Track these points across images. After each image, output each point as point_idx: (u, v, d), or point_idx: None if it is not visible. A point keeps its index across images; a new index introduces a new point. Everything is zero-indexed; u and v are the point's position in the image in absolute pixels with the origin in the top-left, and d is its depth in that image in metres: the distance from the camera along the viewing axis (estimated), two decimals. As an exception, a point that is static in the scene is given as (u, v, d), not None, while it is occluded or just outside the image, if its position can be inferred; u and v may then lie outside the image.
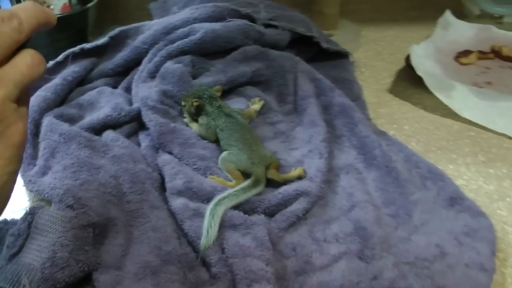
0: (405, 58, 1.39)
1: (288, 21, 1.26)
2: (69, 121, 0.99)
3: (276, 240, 0.81)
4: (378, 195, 0.92)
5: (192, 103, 1.02)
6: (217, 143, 1.00)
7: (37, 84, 1.01)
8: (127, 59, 1.15)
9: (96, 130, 0.99)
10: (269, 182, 0.92)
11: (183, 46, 1.12)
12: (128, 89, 1.13)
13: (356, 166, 0.98)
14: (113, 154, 0.90)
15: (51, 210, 0.75)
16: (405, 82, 1.36)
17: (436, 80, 1.23)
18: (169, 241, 0.77)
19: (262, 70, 1.16)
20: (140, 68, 1.13)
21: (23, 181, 0.89)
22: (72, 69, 1.10)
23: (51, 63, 1.10)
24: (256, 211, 0.85)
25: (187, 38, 1.13)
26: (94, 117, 1.00)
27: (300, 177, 0.93)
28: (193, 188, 0.86)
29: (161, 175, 0.91)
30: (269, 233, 0.81)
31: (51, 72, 1.09)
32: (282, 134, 1.06)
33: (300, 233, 0.84)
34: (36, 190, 0.84)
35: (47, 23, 0.46)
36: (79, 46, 1.13)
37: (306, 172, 0.94)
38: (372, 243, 0.80)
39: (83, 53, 1.14)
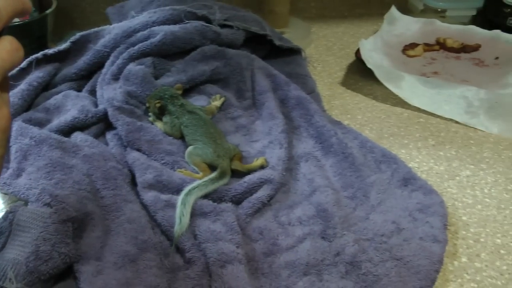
0: (355, 52, 1.46)
1: (242, 21, 1.30)
2: (38, 125, 1.02)
3: (244, 225, 0.87)
4: (337, 179, 0.99)
5: (155, 104, 1.06)
6: (182, 139, 1.05)
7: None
8: (89, 62, 1.18)
9: (65, 133, 1.01)
10: (233, 173, 0.97)
11: (144, 48, 1.15)
12: (92, 92, 1.15)
13: (315, 154, 1.04)
14: (83, 154, 0.93)
15: (31, 207, 0.78)
16: (356, 75, 1.42)
17: (386, 71, 1.30)
18: (144, 231, 0.81)
19: (220, 69, 1.20)
20: (103, 71, 1.16)
21: (-3, 184, 0.91)
22: (36, 75, 1.12)
23: (15, 70, 1.12)
24: (224, 199, 0.90)
25: (147, 40, 1.16)
26: (61, 120, 1.03)
27: (262, 167, 0.99)
28: (163, 181, 0.90)
29: (131, 171, 0.95)
30: (237, 219, 0.86)
31: (16, 79, 1.11)
32: (243, 127, 1.11)
33: (266, 218, 0.89)
34: (12, 192, 0.86)
35: (23, 10, 0.46)
36: (42, 52, 1.15)
37: (267, 161, 1.00)
38: (333, 223, 0.86)
39: (46, 59, 1.16)
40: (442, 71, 1.43)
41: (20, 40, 0.45)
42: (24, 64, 1.13)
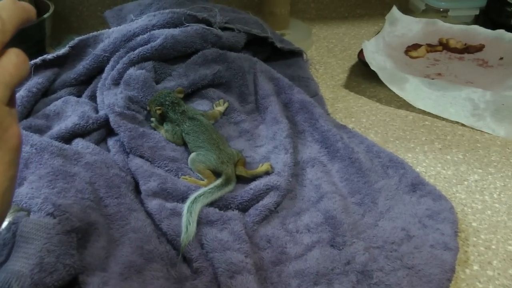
0: (358, 54, 1.44)
1: (243, 23, 1.29)
2: (38, 132, 1.00)
3: (251, 234, 0.85)
4: (344, 185, 0.97)
5: (155, 110, 1.04)
6: (185, 146, 1.03)
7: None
8: (89, 67, 1.16)
9: (65, 139, 0.99)
10: (238, 179, 0.96)
11: (145, 52, 1.13)
12: (92, 97, 1.14)
13: (321, 159, 1.02)
14: (85, 161, 0.91)
15: (34, 218, 0.76)
16: (359, 77, 1.41)
17: (389, 74, 1.28)
18: (149, 240, 0.79)
19: (222, 72, 1.18)
20: (103, 75, 1.14)
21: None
22: (35, 81, 1.11)
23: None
24: (230, 207, 0.89)
25: (147, 44, 1.15)
26: (62, 126, 1.01)
27: (267, 172, 0.97)
28: (167, 189, 0.89)
29: (134, 179, 0.93)
30: (244, 227, 0.85)
31: (15, 85, 1.09)
32: (247, 132, 1.10)
33: (273, 225, 0.88)
34: (13, 201, 0.84)
35: (28, 19, 0.45)
36: (41, 57, 1.13)
37: (273, 167, 0.98)
38: (342, 230, 0.84)
39: (45, 64, 1.15)
40: (446, 73, 1.42)
41: (18, 46, 0.43)
42: (23, 70, 1.11)
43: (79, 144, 0.98)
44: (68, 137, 1.00)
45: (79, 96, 1.15)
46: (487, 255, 0.86)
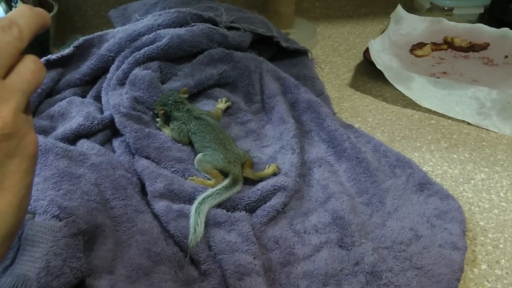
0: (363, 53, 1.44)
1: (249, 22, 1.28)
2: (42, 133, 0.99)
3: (259, 235, 0.84)
4: (351, 185, 0.96)
5: (159, 111, 1.04)
6: (191, 145, 1.02)
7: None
8: (93, 67, 1.15)
9: (70, 140, 0.99)
10: (245, 180, 0.95)
11: (150, 52, 1.13)
12: (97, 98, 1.13)
13: (328, 159, 1.02)
14: (91, 163, 0.90)
15: (40, 221, 0.76)
16: (364, 76, 1.40)
17: (395, 72, 1.28)
18: (157, 242, 0.79)
19: (228, 72, 1.18)
20: (108, 76, 1.13)
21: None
22: (40, 81, 1.10)
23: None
24: (238, 208, 0.88)
25: (153, 44, 1.14)
26: (67, 127, 1.00)
27: (274, 174, 0.96)
28: (174, 190, 0.88)
29: (141, 180, 0.92)
30: (252, 228, 0.84)
31: (19, 85, 1.09)
32: (253, 132, 1.09)
33: (281, 226, 0.87)
34: (18, 204, 0.84)
35: (44, 25, 0.45)
36: (45, 58, 1.13)
37: (279, 168, 0.97)
38: (350, 231, 0.84)
39: (49, 64, 1.14)
40: (451, 71, 1.41)
41: (22, 46, 0.43)
42: (27, 70, 1.10)
43: (84, 145, 0.98)
44: (73, 138, 1.00)
45: (84, 96, 1.15)
46: (495, 254, 0.86)
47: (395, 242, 0.84)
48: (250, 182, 0.95)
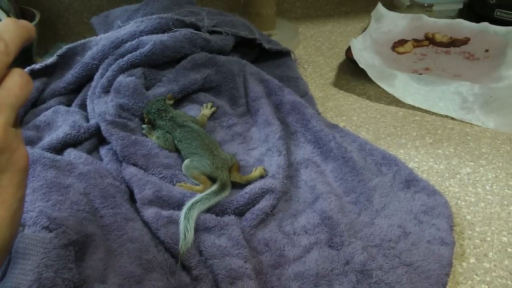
0: (346, 52, 1.44)
1: (231, 26, 1.28)
2: (29, 143, 0.99)
3: (249, 238, 0.85)
4: (338, 185, 0.97)
5: (145, 118, 1.05)
6: (178, 152, 1.03)
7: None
8: (78, 76, 1.15)
9: (57, 150, 0.99)
10: (233, 184, 0.95)
11: (134, 59, 1.13)
12: (82, 106, 1.13)
13: (314, 160, 1.02)
14: (79, 172, 0.90)
15: (30, 233, 0.75)
16: (347, 74, 1.41)
17: (378, 70, 1.29)
18: (148, 250, 0.79)
19: (212, 76, 1.18)
20: (92, 84, 1.13)
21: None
22: (24, 92, 1.09)
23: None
24: (227, 212, 0.89)
25: (136, 51, 1.14)
26: (53, 137, 1.00)
27: (261, 176, 0.97)
28: (163, 197, 0.88)
29: (129, 188, 0.92)
30: (242, 231, 0.85)
31: (4, 97, 1.08)
32: (239, 135, 1.10)
33: (270, 228, 0.88)
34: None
35: (29, 38, 0.44)
36: (29, 68, 1.13)
37: (266, 170, 0.98)
38: (339, 230, 0.85)
39: (34, 74, 1.14)
40: (434, 67, 1.43)
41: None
42: (11, 81, 1.10)
43: (71, 154, 0.97)
44: (59, 148, 0.99)
45: (69, 105, 1.14)
46: (482, 248, 0.87)
47: (384, 240, 0.85)
48: (238, 185, 0.95)
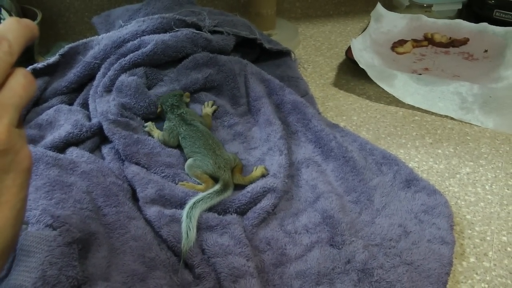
0: (346, 52, 1.45)
1: (231, 25, 1.29)
2: (31, 142, 1.00)
3: (250, 237, 0.86)
4: (339, 184, 0.98)
5: (158, 107, 1.08)
6: (179, 149, 1.04)
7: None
8: (80, 75, 1.15)
9: (59, 149, 0.99)
10: (235, 185, 0.96)
11: (136, 58, 1.13)
12: (84, 105, 1.13)
13: (315, 159, 1.03)
14: (82, 171, 0.91)
15: (34, 231, 0.76)
16: (347, 74, 1.42)
17: (377, 71, 1.30)
18: (151, 248, 0.80)
19: (214, 76, 1.19)
20: (94, 83, 1.13)
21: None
22: (26, 90, 1.10)
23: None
24: (229, 211, 0.89)
25: (138, 50, 1.15)
26: (55, 135, 1.00)
27: (263, 175, 0.97)
28: (165, 196, 0.89)
29: (131, 186, 0.93)
30: (244, 230, 0.85)
31: (6, 96, 1.08)
32: (240, 135, 1.10)
33: (272, 227, 0.88)
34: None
35: (32, 37, 0.44)
36: (31, 67, 1.13)
37: (267, 169, 0.99)
38: (340, 230, 0.85)
39: (35, 73, 1.14)
40: (433, 67, 1.43)
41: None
42: (13, 80, 1.10)
43: (73, 153, 0.98)
44: (62, 146, 1.00)
45: (71, 104, 1.15)
46: (482, 247, 0.88)
47: (384, 239, 0.86)
48: (239, 185, 0.96)
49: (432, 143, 1.14)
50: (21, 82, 0.42)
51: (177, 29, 1.21)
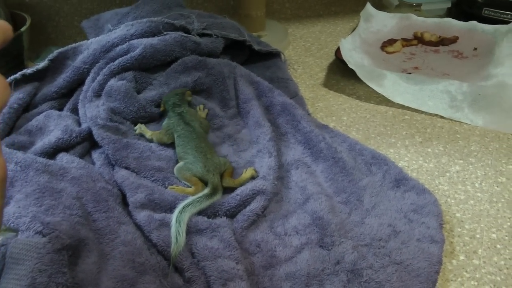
0: (335, 52, 1.45)
1: (220, 28, 1.29)
2: (21, 148, 1.00)
3: (240, 239, 0.86)
4: (329, 185, 0.98)
5: (162, 105, 1.11)
6: (171, 147, 1.04)
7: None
8: (69, 80, 1.15)
9: (49, 154, 0.99)
10: (225, 188, 0.96)
11: (124, 63, 1.14)
12: (74, 110, 1.13)
13: (305, 161, 1.03)
14: (71, 176, 0.90)
15: (23, 238, 0.76)
16: (337, 75, 1.42)
17: (367, 70, 1.30)
18: (140, 253, 0.80)
19: (203, 79, 1.19)
20: (84, 88, 1.14)
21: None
22: (16, 96, 1.10)
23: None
24: (218, 214, 0.89)
25: (127, 54, 1.15)
26: (45, 141, 1.01)
27: (252, 177, 0.98)
28: (155, 200, 0.89)
29: (121, 191, 0.93)
30: (233, 233, 0.85)
31: (-5, 102, 1.09)
32: (230, 137, 1.10)
33: (262, 230, 0.89)
34: (1, 221, 0.83)
35: (5, 40, 0.41)
36: (20, 72, 1.13)
37: (257, 171, 0.99)
38: (330, 231, 0.86)
39: (25, 79, 1.14)
40: (423, 66, 1.44)
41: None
42: (3, 86, 1.10)
43: (63, 158, 0.98)
44: (52, 152, 1.00)
45: (61, 109, 1.15)
46: (472, 245, 0.88)
47: (374, 239, 0.86)
48: (230, 188, 0.96)
49: (422, 142, 1.14)
50: None
51: (165, 32, 1.21)
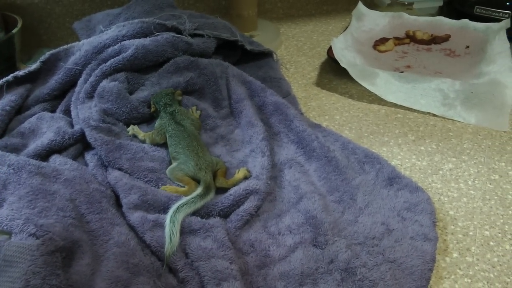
0: (327, 51, 1.46)
1: (212, 28, 1.29)
2: (14, 151, 0.99)
3: (234, 239, 0.86)
4: (322, 184, 0.98)
5: (152, 106, 1.10)
6: (164, 146, 1.04)
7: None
8: (61, 82, 1.15)
9: (42, 156, 0.99)
10: (218, 188, 0.96)
11: (116, 64, 1.13)
12: (66, 112, 1.13)
13: (298, 160, 1.03)
14: (64, 178, 0.90)
15: (17, 241, 0.76)
16: (329, 74, 1.42)
17: (359, 69, 1.30)
18: (134, 254, 0.80)
19: (195, 79, 1.19)
20: (76, 89, 1.13)
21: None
22: (8, 99, 1.10)
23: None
24: (212, 214, 0.89)
25: (119, 55, 1.15)
26: (38, 143, 1.00)
27: (245, 177, 0.98)
28: (148, 201, 0.89)
29: (115, 192, 0.93)
30: (227, 233, 0.85)
31: (-12, 105, 1.09)
32: (223, 138, 1.10)
33: (255, 229, 0.89)
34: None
35: None
36: (12, 75, 1.13)
37: (250, 171, 0.99)
38: (323, 229, 0.86)
39: (17, 81, 1.14)
40: (415, 64, 1.44)
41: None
42: (-5, 88, 1.11)
43: (56, 160, 0.98)
44: (45, 154, 1.00)
45: (53, 111, 1.15)
46: (465, 242, 0.88)
47: (367, 237, 0.86)
48: (223, 188, 0.96)
49: (415, 140, 1.14)
50: None
51: (157, 33, 1.21)
